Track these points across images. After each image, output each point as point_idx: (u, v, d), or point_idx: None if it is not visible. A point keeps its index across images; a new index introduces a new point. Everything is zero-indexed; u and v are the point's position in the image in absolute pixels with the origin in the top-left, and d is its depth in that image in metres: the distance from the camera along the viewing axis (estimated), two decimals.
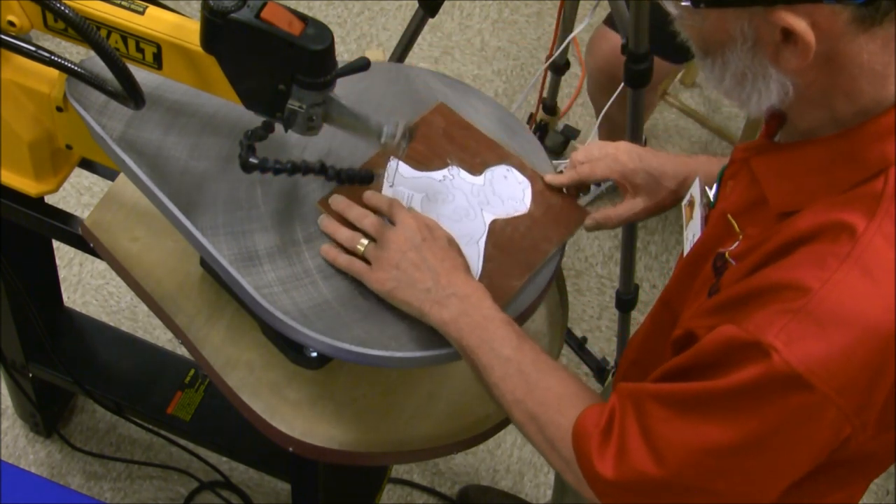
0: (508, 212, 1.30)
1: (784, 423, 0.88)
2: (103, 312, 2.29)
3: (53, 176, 1.45)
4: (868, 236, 0.86)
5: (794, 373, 0.85)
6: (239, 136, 1.21)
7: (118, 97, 1.18)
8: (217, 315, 1.36)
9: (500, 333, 1.10)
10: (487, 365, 1.09)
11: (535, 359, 1.08)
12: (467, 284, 1.15)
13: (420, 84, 1.44)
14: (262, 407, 1.29)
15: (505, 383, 1.07)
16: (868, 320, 0.85)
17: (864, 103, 0.89)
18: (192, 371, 1.86)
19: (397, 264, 1.16)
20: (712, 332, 0.90)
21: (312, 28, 1.11)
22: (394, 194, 1.29)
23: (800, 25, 0.83)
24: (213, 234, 1.23)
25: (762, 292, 0.89)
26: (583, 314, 2.43)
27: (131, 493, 2.04)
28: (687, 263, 1.11)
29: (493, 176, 1.34)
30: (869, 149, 0.89)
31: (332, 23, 2.91)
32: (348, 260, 1.20)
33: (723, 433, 0.89)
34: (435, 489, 2.10)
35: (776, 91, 0.89)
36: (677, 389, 0.93)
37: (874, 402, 0.88)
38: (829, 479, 0.99)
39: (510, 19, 2.99)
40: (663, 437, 0.93)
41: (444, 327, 1.13)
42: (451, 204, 1.29)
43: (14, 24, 1.21)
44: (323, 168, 1.24)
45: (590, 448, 0.98)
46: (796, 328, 0.85)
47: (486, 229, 1.28)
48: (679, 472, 0.92)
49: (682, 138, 2.75)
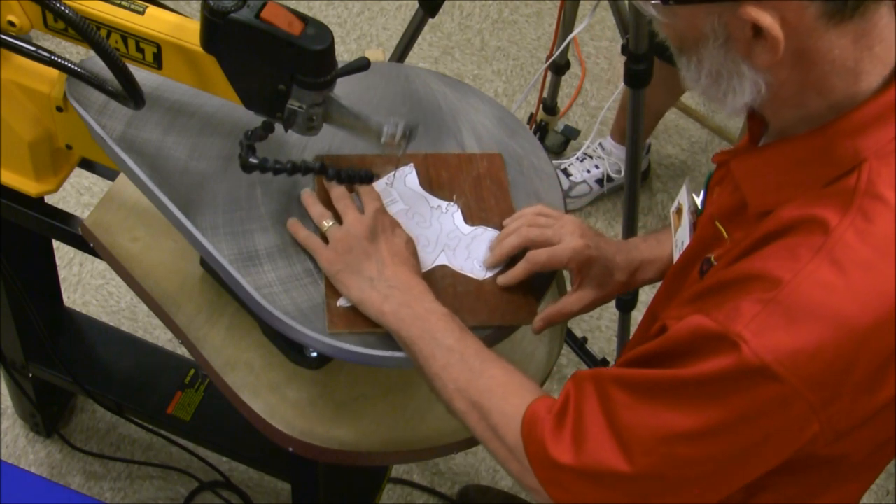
0: (464, 268, 1.25)
1: (751, 414, 0.87)
2: (103, 312, 2.29)
3: (53, 176, 1.45)
4: (840, 230, 0.86)
5: (763, 364, 0.84)
6: (239, 136, 1.21)
7: (118, 97, 1.18)
8: (217, 315, 1.36)
9: (442, 325, 1.10)
10: (429, 355, 1.09)
11: (478, 349, 1.08)
12: (411, 279, 1.16)
13: (420, 84, 1.44)
14: (262, 407, 1.29)
15: (447, 372, 1.07)
16: (838, 314, 0.85)
17: (836, 99, 0.89)
18: (192, 371, 1.86)
19: (350, 249, 1.18)
20: (682, 322, 0.90)
21: (312, 28, 1.11)
22: (383, 189, 1.29)
23: (766, 20, 0.83)
24: (213, 234, 1.23)
25: (733, 283, 0.89)
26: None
27: (131, 493, 2.04)
28: (675, 270, 1.11)
29: (481, 234, 1.29)
30: (842, 145, 0.89)
31: (332, 23, 2.91)
32: (307, 234, 1.22)
33: (689, 421, 0.89)
34: (435, 489, 2.10)
35: (749, 89, 0.90)
36: (643, 375, 0.93)
37: (842, 396, 0.87)
38: (805, 484, 0.99)
39: (510, 19, 2.99)
40: (627, 423, 0.92)
41: (383, 318, 1.13)
42: (422, 230, 1.27)
43: (14, 24, 1.21)
44: (323, 168, 1.24)
45: (542, 433, 0.97)
46: (766, 319, 0.85)
47: (430, 268, 1.24)
48: (642, 459, 0.91)
49: (682, 138, 2.75)
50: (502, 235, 1.27)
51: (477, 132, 1.39)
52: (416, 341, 1.10)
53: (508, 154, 1.37)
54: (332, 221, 1.22)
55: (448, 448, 1.33)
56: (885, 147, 0.88)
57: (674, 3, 0.87)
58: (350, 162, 1.33)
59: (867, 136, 0.88)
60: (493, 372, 1.06)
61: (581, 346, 2.28)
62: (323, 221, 1.22)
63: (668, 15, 0.90)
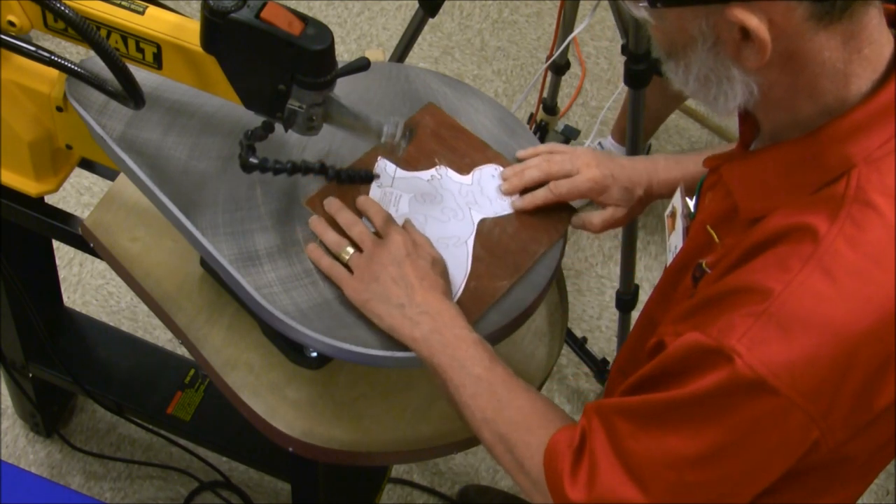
0: (497, 211, 1.30)
1: (750, 429, 0.87)
2: (103, 312, 2.29)
3: (53, 176, 1.45)
4: (830, 238, 0.86)
5: (758, 377, 0.84)
6: (239, 136, 1.21)
7: (118, 97, 1.18)
8: (217, 315, 1.36)
9: (472, 353, 1.09)
10: (459, 384, 1.08)
11: (506, 379, 1.07)
12: (441, 303, 1.14)
13: (420, 84, 1.44)
14: (262, 407, 1.29)
15: (475, 402, 1.06)
16: (830, 323, 0.85)
17: (826, 102, 0.89)
18: (192, 371, 1.86)
19: (377, 277, 1.16)
20: (677, 340, 0.90)
21: (312, 28, 1.11)
22: (382, 194, 1.28)
23: (752, 22, 0.83)
24: (213, 234, 1.23)
25: (726, 297, 0.89)
26: (583, 314, 2.43)
27: (131, 493, 2.04)
28: (669, 274, 1.11)
29: (481, 175, 1.33)
30: (831, 151, 0.89)
31: (332, 23, 2.91)
32: (330, 264, 1.20)
33: (692, 444, 0.89)
34: (435, 489, 2.10)
35: (741, 92, 0.90)
36: (641, 402, 0.92)
37: (840, 405, 0.87)
38: (808, 486, 0.98)
39: (510, 19, 2.99)
40: (634, 452, 0.92)
41: (414, 344, 1.12)
42: (440, 204, 1.29)
43: (14, 24, 1.21)
44: (323, 168, 1.24)
45: (562, 469, 0.97)
46: (759, 332, 0.85)
47: (475, 229, 1.28)
48: (654, 488, 0.91)
49: (682, 138, 2.75)
50: (520, 168, 1.32)
51: (477, 132, 1.39)
52: (445, 370, 1.09)
53: (508, 154, 1.37)
54: (351, 249, 1.20)
55: (448, 448, 1.33)
56: (874, 153, 0.88)
57: (661, 6, 0.87)
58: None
59: (856, 141, 0.88)
60: (519, 403, 1.05)
61: (581, 346, 2.28)
62: (341, 252, 1.20)
63: (656, 17, 0.89)
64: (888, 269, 0.86)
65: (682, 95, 2.36)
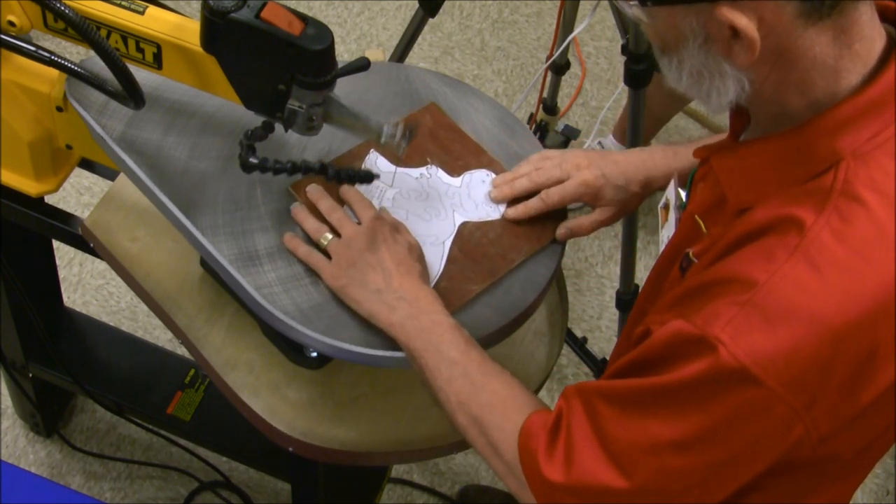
0: (481, 216, 1.29)
1: (732, 418, 0.87)
2: (103, 312, 2.29)
3: (53, 176, 1.45)
4: (815, 230, 0.86)
5: (741, 366, 0.84)
6: (239, 136, 1.21)
7: (118, 97, 1.18)
8: (217, 315, 1.36)
9: (447, 337, 1.10)
10: (434, 368, 1.08)
11: (481, 363, 1.08)
12: (418, 289, 1.15)
13: (420, 84, 1.44)
14: (262, 407, 1.29)
15: (450, 386, 1.07)
16: (815, 314, 0.85)
17: (816, 97, 0.89)
18: (192, 371, 1.86)
19: (354, 262, 1.17)
20: (662, 328, 0.90)
21: (312, 28, 1.11)
22: (368, 186, 1.29)
23: (741, 21, 0.83)
24: (213, 234, 1.23)
25: (711, 286, 0.89)
26: (583, 314, 2.43)
27: (131, 493, 2.04)
28: (659, 266, 1.11)
29: (471, 179, 1.33)
30: (820, 143, 0.89)
31: (332, 23, 2.91)
32: (307, 251, 1.21)
33: (673, 430, 0.89)
34: (435, 489, 2.10)
35: (733, 88, 0.90)
36: (624, 386, 0.93)
37: (824, 398, 0.87)
38: (794, 484, 0.98)
39: (510, 19, 2.99)
40: (615, 436, 0.92)
41: (391, 329, 1.13)
42: (424, 202, 1.29)
43: (14, 24, 1.21)
44: (323, 168, 1.24)
45: (536, 449, 0.97)
46: (743, 321, 0.85)
47: (455, 231, 1.27)
48: (634, 473, 0.91)
49: (682, 137, 2.75)
50: (511, 177, 1.31)
51: (477, 132, 1.39)
52: (422, 354, 1.10)
53: (508, 154, 1.37)
54: (330, 235, 1.21)
55: (448, 448, 1.33)
56: (862, 146, 0.88)
57: (651, 5, 0.88)
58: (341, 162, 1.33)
59: (845, 135, 0.88)
60: (494, 386, 1.06)
61: (581, 346, 2.28)
62: (320, 238, 1.21)
63: (647, 16, 0.90)
64: (873, 261, 0.86)
65: (685, 98, 2.36)
